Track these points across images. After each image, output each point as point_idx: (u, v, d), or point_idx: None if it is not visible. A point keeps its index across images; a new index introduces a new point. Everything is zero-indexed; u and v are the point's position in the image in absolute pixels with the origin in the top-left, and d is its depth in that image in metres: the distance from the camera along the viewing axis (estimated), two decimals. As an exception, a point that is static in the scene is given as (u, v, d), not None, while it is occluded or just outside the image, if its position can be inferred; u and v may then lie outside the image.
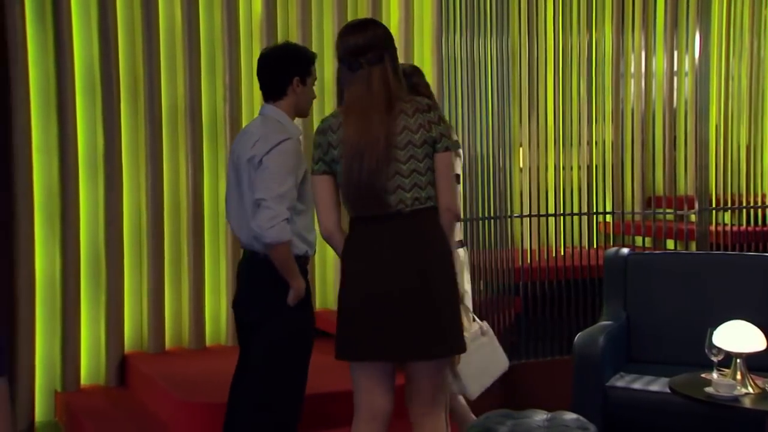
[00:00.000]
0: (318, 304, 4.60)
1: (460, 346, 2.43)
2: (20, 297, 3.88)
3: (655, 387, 3.43)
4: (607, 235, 4.91)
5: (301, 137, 2.77)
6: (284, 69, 2.71)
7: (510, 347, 4.34)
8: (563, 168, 4.65)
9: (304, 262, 2.70)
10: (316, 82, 2.79)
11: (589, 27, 4.65)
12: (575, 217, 4.66)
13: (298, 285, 2.62)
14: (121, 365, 4.19)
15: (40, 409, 4.03)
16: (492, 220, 4.25)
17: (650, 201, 4.93)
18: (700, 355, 3.03)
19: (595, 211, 4.69)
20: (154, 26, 4.27)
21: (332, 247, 2.50)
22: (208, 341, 4.47)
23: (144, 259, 4.31)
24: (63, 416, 3.97)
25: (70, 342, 4.05)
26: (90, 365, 4.17)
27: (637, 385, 3.48)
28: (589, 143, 4.71)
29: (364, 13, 4.76)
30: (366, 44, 2.36)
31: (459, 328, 2.41)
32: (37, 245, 3.99)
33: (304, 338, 2.71)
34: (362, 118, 2.31)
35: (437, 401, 2.45)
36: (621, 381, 3.53)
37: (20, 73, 3.88)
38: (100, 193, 4.18)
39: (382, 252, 2.34)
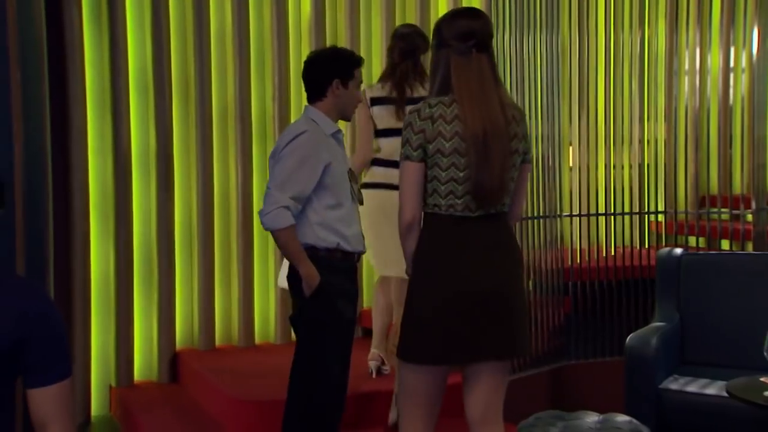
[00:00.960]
0: (365, 303, 4.62)
1: (528, 347, 2.52)
2: (76, 294, 3.99)
3: (711, 390, 3.36)
4: (659, 235, 4.81)
5: (341, 136, 2.78)
6: (324, 70, 2.74)
7: (559, 348, 4.30)
8: (614, 167, 4.58)
9: (335, 255, 2.67)
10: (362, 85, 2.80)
11: (642, 23, 4.56)
12: (626, 217, 4.58)
13: (306, 272, 2.60)
14: (172, 362, 4.26)
15: (96, 404, 4.14)
16: (541, 220, 4.21)
17: (704, 200, 4.81)
18: (757, 358, 2.95)
19: (646, 210, 4.61)
20: (206, 28, 4.34)
21: (405, 241, 2.35)
22: (257, 339, 4.52)
23: (195, 257, 4.38)
24: (117, 411, 4.06)
25: (123, 338, 4.14)
26: (143, 361, 4.26)
27: (691, 388, 3.41)
28: (641, 141, 4.63)
29: (412, 13, 4.76)
30: (479, 29, 2.31)
31: (528, 328, 2.50)
32: (92, 243, 4.09)
33: (326, 334, 2.68)
34: (479, 110, 2.27)
35: (499, 407, 2.39)
36: (675, 384, 3.46)
37: (77, 72, 3.97)
38: (152, 193, 4.27)
39: (474, 251, 2.29)
